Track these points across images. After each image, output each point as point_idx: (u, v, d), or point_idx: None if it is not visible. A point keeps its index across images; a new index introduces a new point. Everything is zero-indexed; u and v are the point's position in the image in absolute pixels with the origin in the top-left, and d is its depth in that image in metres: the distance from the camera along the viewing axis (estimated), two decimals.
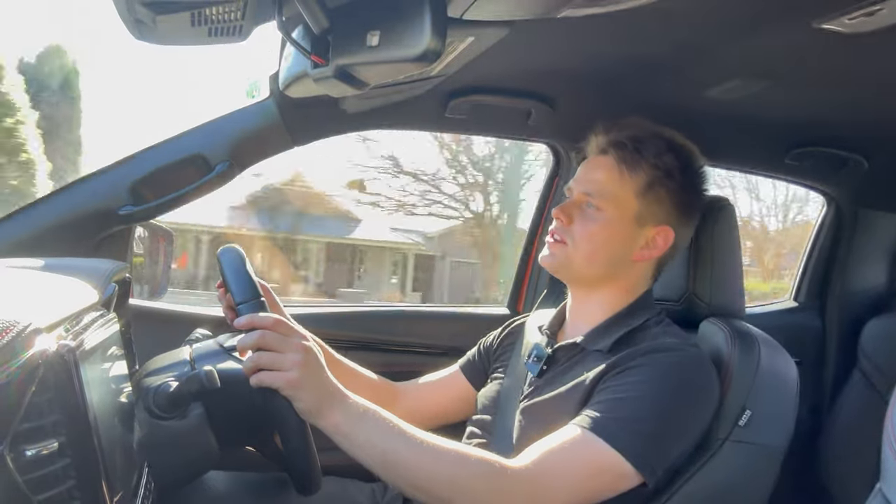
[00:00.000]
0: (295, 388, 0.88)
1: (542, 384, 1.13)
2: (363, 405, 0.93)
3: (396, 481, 0.93)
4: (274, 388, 0.89)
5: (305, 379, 0.89)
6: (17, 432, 0.53)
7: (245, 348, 0.92)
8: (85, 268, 0.89)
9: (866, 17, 0.97)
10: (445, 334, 1.72)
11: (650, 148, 1.13)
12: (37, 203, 1.32)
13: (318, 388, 0.90)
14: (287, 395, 0.89)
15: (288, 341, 0.90)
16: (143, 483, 0.89)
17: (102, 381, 0.74)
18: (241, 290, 0.96)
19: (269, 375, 0.89)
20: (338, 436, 0.90)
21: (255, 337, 0.90)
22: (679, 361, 1.03)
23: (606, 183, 1.13)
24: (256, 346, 0.90)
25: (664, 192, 1.13)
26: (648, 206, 1.12)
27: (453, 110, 1.51)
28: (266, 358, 0.89)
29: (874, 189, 1.90)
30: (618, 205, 1.12)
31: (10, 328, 0.54)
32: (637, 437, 0.95)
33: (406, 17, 0.81)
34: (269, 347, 0.90)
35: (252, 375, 0.90)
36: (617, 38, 1.21)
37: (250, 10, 0.92)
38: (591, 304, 1.16)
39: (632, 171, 1.12)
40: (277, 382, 0.88)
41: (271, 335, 0.90)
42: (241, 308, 0.94)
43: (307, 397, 0.89)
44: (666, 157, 1.13)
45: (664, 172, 1.12)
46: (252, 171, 1.46)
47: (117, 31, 0.95)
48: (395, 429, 0.92)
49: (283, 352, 0.89)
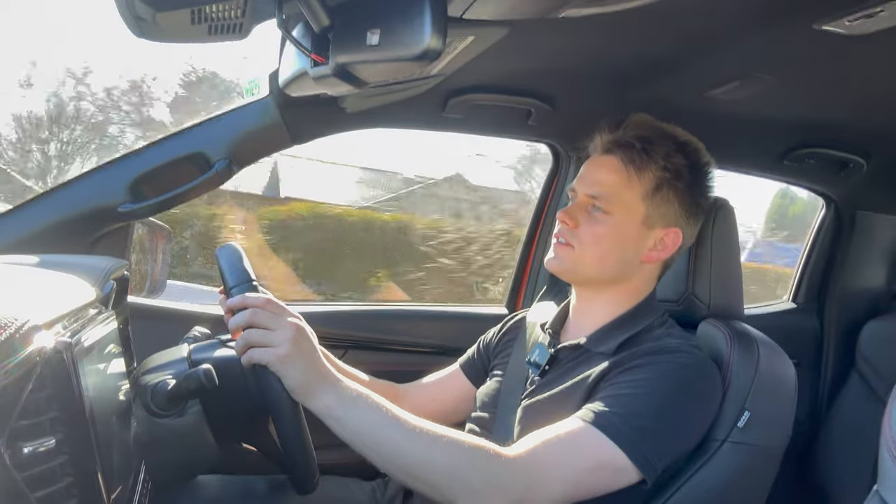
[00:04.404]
0: (285, 364, 0.89)
1: (543, 383, 1.13)
2: (356, 389, 0.92)
3: (389, 467, 0.92)
4: (263, 363, 0.89)
5: (295, 355, 0.89)
6: (14, 429, 0.53)
7: (237, 328, 0.92)
8: (83, 265, 0.89)
9: (867, 18, 0.97)
10: (444, 334, 1.72)
11: (659, 148, 1.10)
12: (36, 200, 1.32)
13: (309, 367, 0.90)
14: (277, 372, 0.89)
15: (278, 319, 0.91)
16: (141, 480, 0.89)
17: (100, 378, 0.74)
18: (234, 275, 0.98)
19: (259, 352, 0.89)
20: (330, 419, 0.90)
21: (246, 315, 0.91)
22: (683, 363, 1.02)
23: (613, 185, 1.10)
24: (248, 324, 0.91)
25: (673, 193, 1.10)
26: (657, 207, 1.10)
27: (453, 109, 1.51)
28: (257, 335, 0.90)
29: (873, 191, 1.91)
30: (625, 208, 1.09)
31: (8, 325, 0.53)
32: (638, 433, 0.95)
33: (406, 15, 0.81)
34: (260, 325, 0.90)
35: (243, 354, 0.90)
36: (617, 38, 1.21)
37: (250, 8, 0.92)
38: (597, 305, 1.15)
39: (640, 172, 1.09)
40: (267, 358, 0.89)
41: (262, 313, 0.91)
42: (234, 290, 0.96)
43: (297, 374, 0.89)
44: (675, 157, 1.10)
45: (673, 174, 1.10)
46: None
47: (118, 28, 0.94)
48: (388, 414, 0.91)
49: (273, 329, 0.90)
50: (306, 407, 0.92)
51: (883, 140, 1.67)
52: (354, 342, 1.62)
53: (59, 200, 1.32)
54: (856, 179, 1.84)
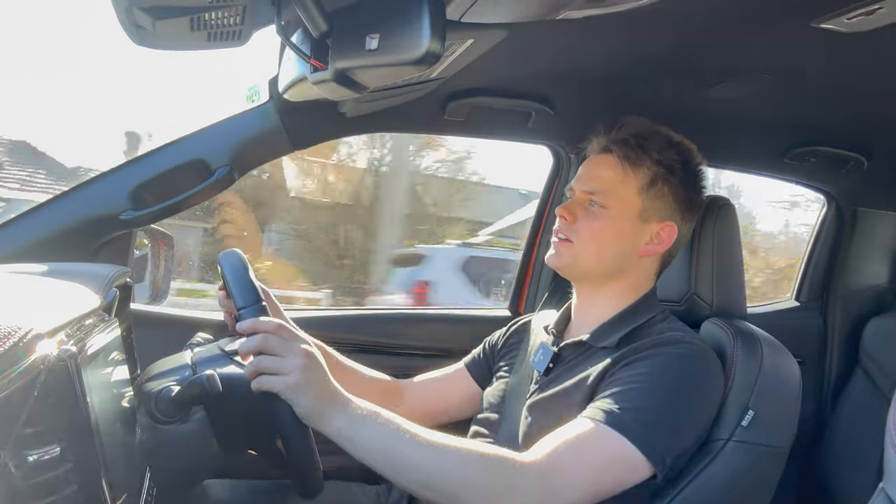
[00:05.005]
0: (295, 392, 0.88)
1: (548, 381, 1.13)
2: (365, 407, 0.92)
3: (404, 482, 0.92)
4: (274, 392, 0.89)
5: (306, 383, 0.89)
6: (18, 437, 0.53)
7: (247, 352, 0.92)
8: (86, 273, 0.89)
9: (866, 16, 0.97)
10: (447, 336, 1.72)
11: (652, 144, 1.14)
12: (38, 208, 1.32)
13: (319, 393, 0.90)
14: (287, 400, 0.89)
15: (289, 345, 0.90)
16: (145, 487, 0.89)
17: (104, 386, 0.74)
18: (243, 295, 0.96)
19: (270, 380, 0.89)
20: (340, 439, 0.90)
21: (256, 341, 0.90)
22: (685, 353, 1.03)
23: (610, 180, 1.13)
24: (258, 350, 0.90)
25: (667, 188, 1.14)
26: (652, 202, 1.13)
27: (453, 113, 1.51)
28: (267, 362, 0.89)
29: (874, 188, 1.90)
30: (621, 202, 1.12)
31: (11, 334, 0.53)
32: (647, 427, 0.95)
33: (405, 19, 0.81)
34: (271, 351, 0.90)
35: (253, 380, 0.90)
36: (616, 39, 1.21)
37: (249, 15, 0.92)
38: (597, 302, 1.17)
39: (635, 168, 1.13)
40: (278, 386, 0.88)
41: (273, 339, 0.90)
42: (243, 313, 0.94)
43: (308, 402, 0.89)
44: (668, 152, 1.14)
45: (666, 168, 1.13)
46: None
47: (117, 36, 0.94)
48: (398, 429, 0.91)
49: (284, 356, 0.89)
50: (317, 430, 0.91)
51: (883, 137, 1.67)
52: (357, 346, 1.62)
53: (61, 209, 1.32)
54: (856, 177, 1.84)
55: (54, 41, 24.52)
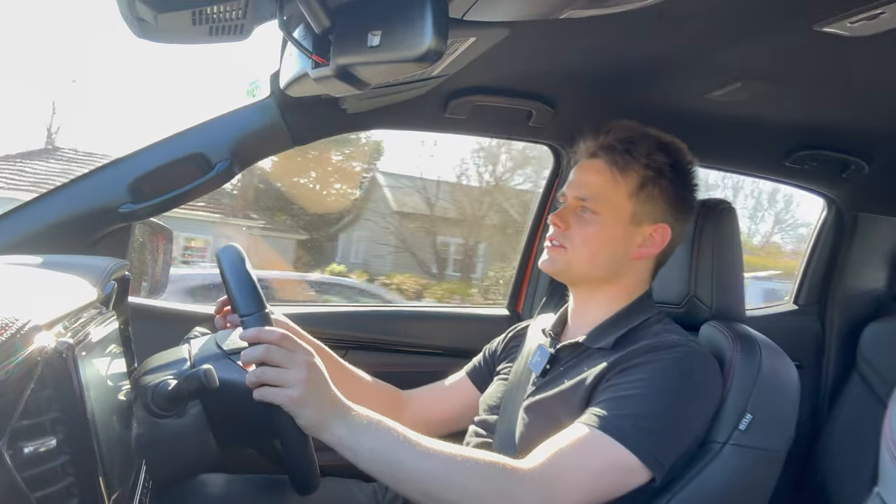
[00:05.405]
0: (297, 405, 0.89)
1: (545, 383, 1.14)
2: (366, 416, 0.93)
3: (404, 490, 0.93)
4: (276, 404, 0.89)
5: (308, 396, 0.89)
6: (15, 429, 0.52)
7: (249, 362, 0.92)
8: (84, 265, 0.89)
9: (868, 20, 0.97)
10: (445, 335, 1.72)
11: (640, 148, 1.14)
12: (37, 200, 1.32)
13: (321, 404, 0.90)
14: (289, 412, 0.89)
15: (293, 357, 0.90)
16: (141, 480, 0.89)
17: (101, 378, 0.74)
18: (246, 300, 0.95)
19: (273, 392, 0.89)
20: (341, 448, 0.91)
21: (260, 351, 0.90)
22: (681, 357, 1.03)
23: (599, 186, 1.14)
24: (261, 361, 0.90)
25: (657, 190, 1.14)
26: (642, 205, 1.13)
27: (454, 111, 1.51)
28: (270, 373, 0.89)
29: (874, 193, 1.90)
30: (612, 207, 1.13)
31: (9, 325, 0.53)
32: (644, 432, 0.96)
33: (407, 17, 0.81)
34: (274, 363, 0.90)
35: (255, 390, 0.90)
36: (618, 40, 1.21)
37: (251, 9, 0.92)
38: (593, 304, 1.17)
39: (623, 172, 1.13)
40: (280, 399, 0.89)
41: (277, 350, 0.90)
42: (247, 321, 0.93)
43: (310, 414, 0.89)
44: (656, 155, 1.14)
45: (655, 171, 1.13)
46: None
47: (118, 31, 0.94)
48: (399, 438, 0.91)
49: (287, 367, 0.89)
50: (318, 440, 0.92)
51: (884, 142, 1.67)
52: (355, 343, 1.62)
53: (60, 201, 1.32)
54: (857, 181, 1.84)
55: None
